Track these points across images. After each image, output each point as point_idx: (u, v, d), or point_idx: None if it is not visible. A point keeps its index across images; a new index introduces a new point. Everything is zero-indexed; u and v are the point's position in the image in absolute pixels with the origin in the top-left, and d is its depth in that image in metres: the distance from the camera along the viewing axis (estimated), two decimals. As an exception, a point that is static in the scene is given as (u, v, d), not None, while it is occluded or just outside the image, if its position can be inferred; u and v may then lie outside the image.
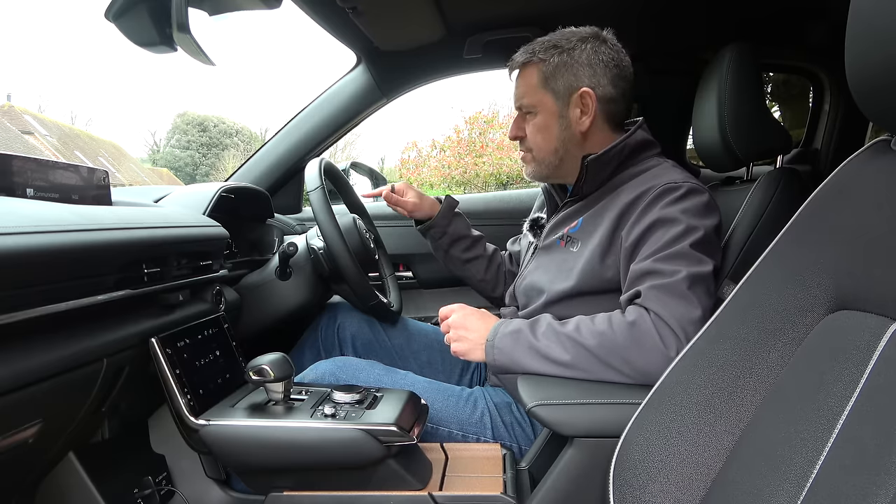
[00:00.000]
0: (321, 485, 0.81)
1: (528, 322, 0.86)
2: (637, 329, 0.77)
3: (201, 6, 0.81)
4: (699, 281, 0.80)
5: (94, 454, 0.80)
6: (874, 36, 0.43)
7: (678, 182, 0.88)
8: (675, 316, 0.77)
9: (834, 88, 1.55)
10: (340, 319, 1.19)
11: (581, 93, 0.94)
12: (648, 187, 0.89)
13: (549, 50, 0.96)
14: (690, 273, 0.80)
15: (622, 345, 0.77)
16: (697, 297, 0.79)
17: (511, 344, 0.84)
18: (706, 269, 0.81)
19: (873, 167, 0.51)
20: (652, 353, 0.76)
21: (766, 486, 0.44)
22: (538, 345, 0.82)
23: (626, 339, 0.77)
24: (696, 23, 1.37)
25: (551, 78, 0.96)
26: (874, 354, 0.42)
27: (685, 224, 0.83)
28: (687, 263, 0.81)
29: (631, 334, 0.77)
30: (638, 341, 0.77)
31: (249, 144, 23.91)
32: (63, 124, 19.39)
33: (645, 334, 0.77)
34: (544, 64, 0.96)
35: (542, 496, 0.74)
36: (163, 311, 0.83)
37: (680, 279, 0.79)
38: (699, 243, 0.83)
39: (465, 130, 12.76)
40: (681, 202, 0.85)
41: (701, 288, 0.80)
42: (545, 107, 0.97)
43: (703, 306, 0.78)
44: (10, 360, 0.56)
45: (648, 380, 0.75)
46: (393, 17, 1.25)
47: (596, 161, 0.94)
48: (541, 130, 0.98)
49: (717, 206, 0.90)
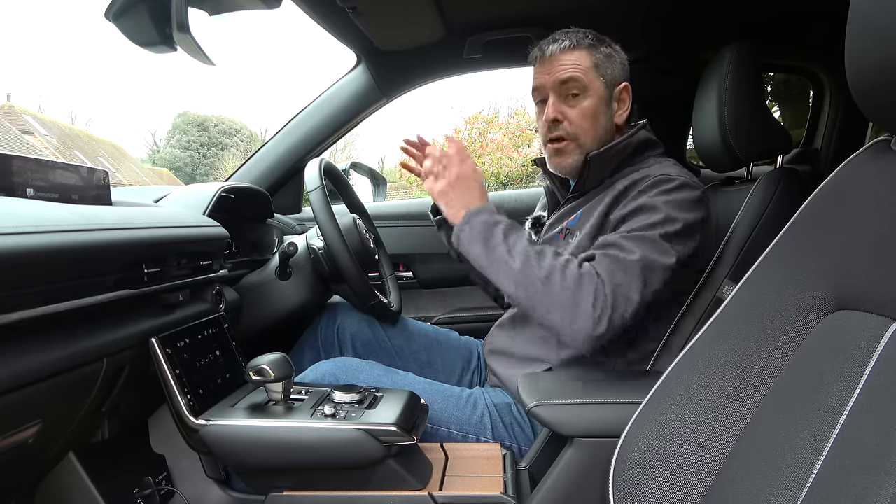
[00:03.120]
0: (321, 485, 0.81)
1: (509, 223, 0.88)
2: (581, 284, 0.80)
3: (201, 6, 0.81)
4: (653, 269, 0.82)
5: (94, 454, 0.80)
6: (874, 35, 0.43)
7: (672, 175, 0.89)
8: (615, 289, 0.79)
9: (834, 88, 1.54)
10: (340, 319, 1.19)
11: (624, 86, 0.98)
12: (644, 176, 0.91)
13: (596, 39, 0.97)
14: (647, 258, 0.82)
15: (562, 291, 0.80)
16: (644, 282, 0.81)
17: (482, 231, 0.87)
18: (666, 261, 0.83)
19: (873, 167, 0.51)
20: (582, 309, 0.79)
21: (766, 486, 0.44)
22: (501, 248, 0.85)
23: (569, 287, 0.80)
24: (696, 23, 1.37)
25: (602, 65, 0.97)
26: (874, 354, 0.42)
27: (664, 213, 0.85)
28: (649, 249, 0.82)
29: (575, 286, 0.80)
30: (576, 295, 0.79)
31: (249, 144, 23.90)
32: (63, 124, 19.39)
33: (585, 292, 0.79)
34: (595, 51, 0.97)
35: (542, 496, 0.74)
36: (163, 311, 0.83)
37: (634, 259, 0.81)
38: (673, 235, 0.84)
39: (464, 131, 12.75)
40: (669, 194, 0.87)
41: (651, 276, 0.82)
42: (596, 91, 0.97)
43: (644, 294, 0.81)
44: (9, 360, 0.55)
45: (561, 331, 0.81)
46: (393, 17, 1.25)
47: (598, 157, 0.95)
48: (588, 116, 0.97)
49: (708, 204, 0.90)
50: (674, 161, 0.97)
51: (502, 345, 1.06)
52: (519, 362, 1.00)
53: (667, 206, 0.85)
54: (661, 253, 0.82)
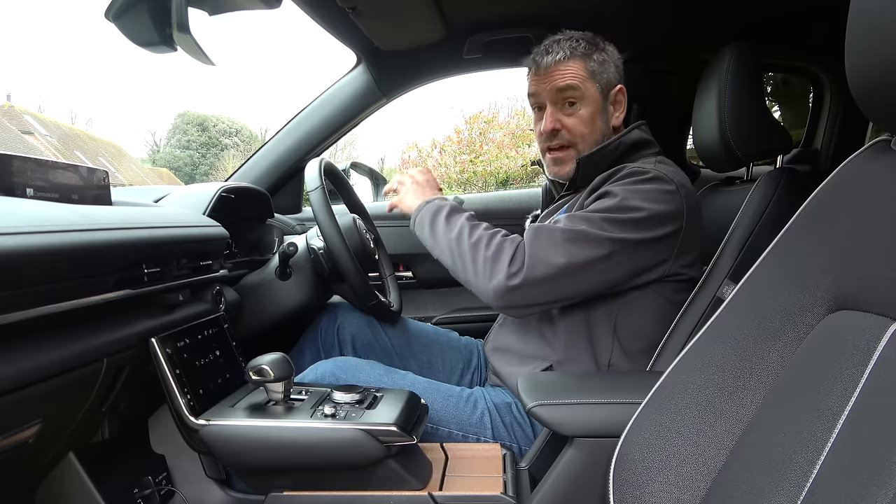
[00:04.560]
0: (321, 485, 0.81)
1: (453, 206, 0.97)
2: (503, 245, 0.86)
3: (201, 6, 0.81)
4: (587, 241, 0.84)
5: (94, 454, 0.80)
6: (874, 36, 0.43)
7: (647, 169, 0.90)
8: (533, 252, 0.84)
9: (834, 88, 1.54)
10: (340, 319, 1.19)
11: (619, 89, 0.99)
12: (621, 167, 0.93)
13: (589, 46, 0.98)
14: (581, 230, 0.84)
15: (485, 252, 0.87)
16: (570, 250, 0.83)
17: (430, 215, 0.97)
18: (606, 234, 0.84)
19: (873, 167, 0.51)
20: (500, 264, 0.85)
21: (766, 485, 0.44)
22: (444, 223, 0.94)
23: (493, 249, 0.86)
24: (695, 23, 1.37)
25: (597, 73, 0.98)
26: (874, 354, 0.42)
27: (620, 199, 0.86)
28: (583, 224, 0.85)
29: (497, 247, 0.86)
30: (497, 252, 0.86)
31: (249, 144, 23.90)
32: (63, 124, 19.38)
33: (506, 250, 0.86)
34: (589, 59, 0.98)
35: (542, 496, 0.74)
36: (163, 311, 0.83)
37: (565, 230, 0.84)
38: (623, 220, 0.85)
39: (464, 130, 12.75)
40: (636, 184, 0.88)
41: (581, 245, 0.83)
42: (592, 98, 0.99)
43: (573, 259, 0.83)
44: (10, 360, 0.55)
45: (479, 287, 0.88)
46: (393, 17, 1.25)
47: (588, 159, 0.96)
48: (586, 123, 0.99)
49: (682, 198, 0.89)
50: (660, 159, 0.97)
51: (503, 342, 1.06)
52: (519, 360, 1.00)
53: (626, 194, 0.86)
54: (598, 229, 0.84)
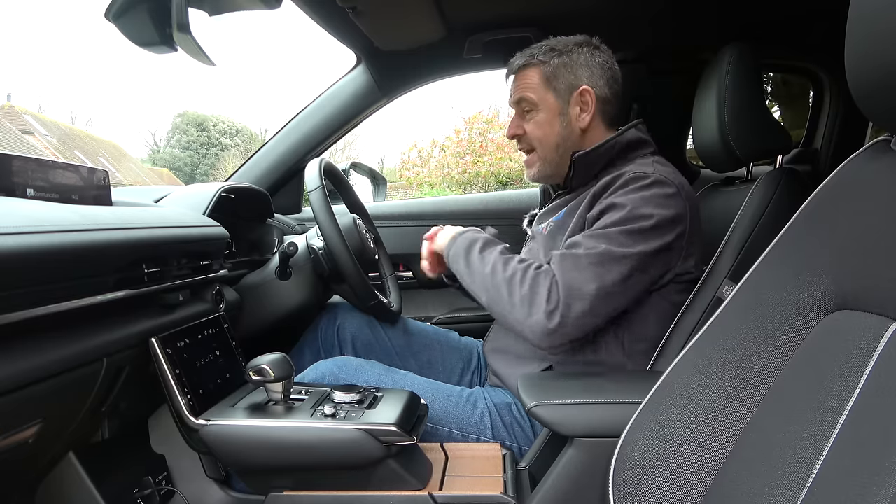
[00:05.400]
0: (321, 485, 0.81)
1: (487, 239, 0.96)
2: (537, 281, 0.85)
3: (201, 6, 0.81)
4: (613, 260, 0.84)
5: (94, 454, 0.80)
6: (874, 36, 0.43)
7: (647, 173, 0.90)
8: (566, 283, 0.83)
9: (834, 88, 1.54)
10: (340, 319, 1.19)
11: (581, 90, 0.98)
12: (621, 173, 0.92)
13: (548, 52, 0.99)
14: (604, 250, 0.84)
15: (520, 290, 0.85)
16: (598, 273, 0.83)
17: (466, 245, 0.96)
18: (627, 250, 0.84)
19: (873, 167, 0.51)
20: (537, 305, 0.83)
21: (766, 486, 0.44)
22: (478, 257, 0.93)
23: (527, 286, 0.85)
24: (695, 23, 1.37)
25: (552, 78, 0.99)
26: (874, 354, 0.42)
27: (629, 210, 0.86)
28: (605, 242, 0.85)
29: (532, 283, 0.85)
30: (533, 290, 0.84)
31: (249, 144, 23.89)
32: (63, 124, 19.36)
33: (541, 287, 0.84)
34: (545, 66, 0.99)
35: (542, 496, 0.74)
36: (163, 311, 0.83)
37: (588, 253, 0.84)
38: (637, 230, 0.85)
39: (464, 131, 12.76)
40: (639, 191, 0.88)
41: (609, 267, 0.83)
42: (547, 104, 1.00)
43: (603, 283, 0.83)
44: (10, 360, 0.56)
45: (520, 328, 0.86)
46: (393, 17, 1.25)
47: (584, 157, 0.97)
48: (542, 126, 1.01)
49: (688, 201, 0.90)
50: (657, 160, 0.97)
51: (502, 343, 1.06)
52: (519, 360, 1.00)
53: (633, 203, 0.87)
54: (618, 245, 0.84)
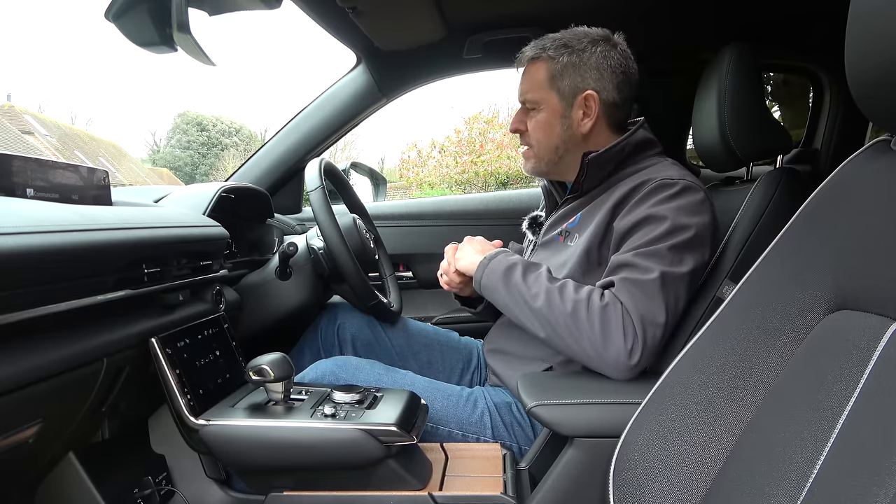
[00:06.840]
0: (321, 485, 0.81)
1: (526, 262, 0.90)
2: (606, 315, 0.80)
3: (201, 6, 0.81)
4: (672, 282, 0.82)
5: (94, 454, 0.80)
6: (874, 35, 0.43)
7: (674, 178, 0.89)
8: (640, 313, 0.79)
9: (834, 88, 1.54)
10: (340, 319, 1.19)
11: (585, 95, 0.96)
12: (644, 181, 0.90)
13: (559, 48, 0.97)
14: (664, 272, 0.81)
15: (589, 326, 0.80)
16: (666, 300, 0.81)
17: (502, 272, 0.89)
18: (682, 270, 0.83)
19: (873, 167, 0.51)
20: (613, 342, 0.79)
21: (766, 486, 0.44)
22: (522, 285, 0.86)
23: (596, 321, 0.80)
24: (695, 23, 1.37)
25: (558, 77, 0.97)
26: (874, 354, 0.42)
27: (671, 222, 0.84)
28: (662, 263, 0.82)
29: (601, 319, 0.80)
30: (605, 327, 0.79)
31: (249, 144, 23.89)
32: (63, 124, 19.36)
33: (612, 322, 0.79)
34: (553, 62, 0.97)
35: (542, 496, 0.74)
36: (163, 311, 0.83)
37: (653, 278, 0.81)
38: (684, 244, 0.84)
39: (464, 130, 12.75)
40: (673, 200, 0.86)
41: (672, 290, 0.82)
42: (549, 105, 0.98)
43: (670, 311, 0.81)
44: (10, 360, 0.56)
45: (595, 364, 0.81)
46: (393, 17, 1.25)
47: (596, 159, 0.95)
48: (542, 127, 0.99)
49: (711, 204, 0.90)
50: (672, 161, 0.97)
51: (502, 344, 1.06)
52: (519, 361, 1.00)
53: (674, 214, 0.84)
54: (676, 264, 0.83)
